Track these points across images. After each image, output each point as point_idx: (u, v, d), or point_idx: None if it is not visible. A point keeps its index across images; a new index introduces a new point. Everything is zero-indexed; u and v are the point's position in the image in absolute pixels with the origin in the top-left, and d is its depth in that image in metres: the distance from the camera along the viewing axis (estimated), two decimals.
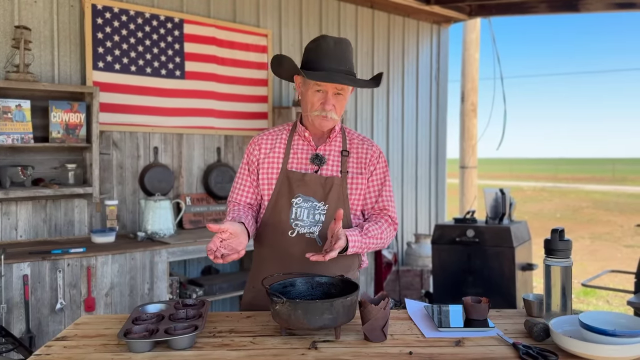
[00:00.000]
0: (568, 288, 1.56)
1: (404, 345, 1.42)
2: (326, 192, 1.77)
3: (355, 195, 1.82)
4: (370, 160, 1.84)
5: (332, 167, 1.81)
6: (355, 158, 1.84)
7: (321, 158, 1.81)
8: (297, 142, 1.84)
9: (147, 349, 1.37)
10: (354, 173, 1.82)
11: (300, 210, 1.77)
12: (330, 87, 1.71)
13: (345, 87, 1.73)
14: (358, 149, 1.85)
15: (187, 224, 3.79)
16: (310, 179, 1.78)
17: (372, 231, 1.75)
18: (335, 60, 1.70)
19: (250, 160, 1.86)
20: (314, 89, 1.72)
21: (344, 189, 1.79)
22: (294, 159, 1.82)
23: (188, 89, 3.88)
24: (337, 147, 1.84)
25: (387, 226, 1.80)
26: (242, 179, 1.87)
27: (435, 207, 5.90)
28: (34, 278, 2.75)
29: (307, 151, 1.82)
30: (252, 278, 1.87)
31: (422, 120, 5.69)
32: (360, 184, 1.82)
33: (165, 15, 3.76)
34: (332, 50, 1.71)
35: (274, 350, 1.38)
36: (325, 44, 1.72)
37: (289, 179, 1.79)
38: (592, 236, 10.39)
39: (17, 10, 3.22)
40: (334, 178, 1.79)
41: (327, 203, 1.77)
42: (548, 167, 47.47)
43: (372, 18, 5.15)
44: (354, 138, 1.88)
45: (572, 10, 5.17)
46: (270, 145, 1.84)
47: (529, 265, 4.09)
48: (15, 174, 3.06)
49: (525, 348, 1.36)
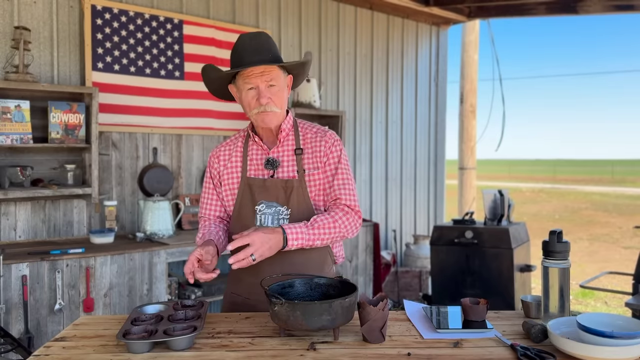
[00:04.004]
0: (566, 290, 1.56)
1: (402, 347, 1.42)
2: (287, 195, 1.74)
3: (315, 192, 1.77)
4: (324, 151, 1.78)
5: (287, 169, 1.77)
6: (310, 153, 1.78)
7: (274, 161, 1.77)
8: (252, 147, 1.82)
9: (146, 349, 1.37)
10: (311, 169, 1.77)
11: (265, 217, 1.75)
12: (259, 81, 1.68)
13: (277, 77, 1.70)
14: (313, 143, 1.79)
15: (186, 225, 3.79)
16: (271, 184, 1.75)
17: (320, 221, 1.68)
18: (253, 52, 1.68)
19: (212, 173, 1.85)
20: (246, 89, 1.71)
21: (303, 189, 1.75)
22: (252, 166, 1.80)
23: (187, 90, 3.89)
24: (290, 147, 1.80)
25: (342, 215, 1.73)
26: (208, 194, 1.87)
27: (434, 208, 5.91)
28: (32, 278, 2.75)
29: (261, 156, 1.80)
30: (229, 284, 1.88)
31: (421, 121, 5.69)
32: (318, 179, 1.77)
33: (165, 16, 3.77)
34: (248, 45, 1.69)
35: (273, 351, 1.38)
36: (241, 41, 1.71)
37: (250, 187, 1.77)
38: (591, 237, 10.39)
39: (16, 10, 3.23)
40: (293, 180, 1.75)
41: (289, 207, 1.74)
42: (547, 168, 47.51)
43: (371, 19, 5.16)
44: (307, 132, 1.82)
45: (570, 12, 5.18)
46: (228, 156, 1.83)
47: (527, 267, 4.10)
48: (15, 174, 3.06)
49: (523, 349, 1.37)
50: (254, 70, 1.68)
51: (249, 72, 1.68)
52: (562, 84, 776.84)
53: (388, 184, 5.36)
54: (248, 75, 1.69)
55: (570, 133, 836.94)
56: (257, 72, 1.68)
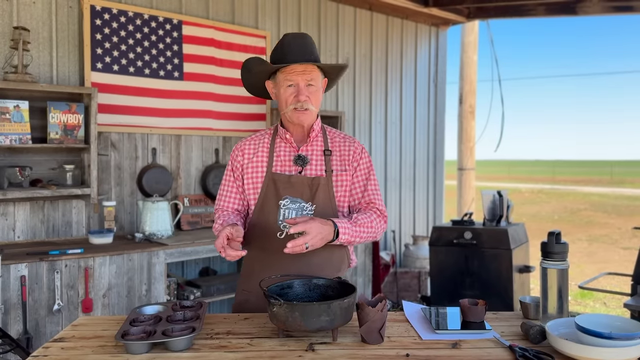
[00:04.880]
0: (564, 291, 1.57)
1: (401, 348, 1.42)
2: (313, 192, 1.78)
3: (341, 193, 1.82)
4: (354, 156, 1.85)
5: (316, 167, 1.82)
6: (338, 156, 1.84)
7: (304, 158, 1.81)
8: (279, 144, 1.85)
9: (145, 350, 1.37)
10: (338, 171, 1.82)
11: (288, 211, 1.77)
12: (300, 79, 1.73)
13: (316, 78, 1.76)
14: (340, 147, 1.86)
15: (185, 225, 3.79)
16: (297, 180, 1.79)
17: (362, 220, 1.75)
18: (297, 52, 1.73)
19: (235, 166, 1.87)
20: (285, 85, 1.75)
21: (330, 188, 1.80)
22: (278, 162, 1.83)
23: (186, 90, 3.89)
24: (319, 147, 1.84)
25: (376, 217, 1.80)
26: (228, 186, 1.88)
27: (433, 208, 5.91)
28: (31, 279, 2.75)
29: (289, 153, 1.83)
30: (243, 281, 1.88)
31: (420, 122, 5.70)
32: (345, 180, 1.83)
33: (164, 16, 3.76)
34: (292, 44, 1.74)
35: (271, 352, 1.38)
36: (286, 40, 1.76)
37: (275, 182, 1.79)
38: (590, 238, 10.40)
39: (15, 11, 3.22)
40: (320, 178, 1.79)
41: (314, 203, 1.77)
42: (546, 169, 47.54)
43: (371, 20, 5.16)
44: (335, 136, 1.89)
45: (570, 13, 5.18)
46: (254, 150, 1.86)
47: (526, 268, 4.10)
48: (13, 174, 3.06)
49: (521, 350, 1.37)
50: (296, 68, 1.73)
51: (291, 69, 1.73)
52: (561, 85, 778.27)
53: (387, 185, 5.36)
54: (290, 72, 1.73)
55: (570, 134, 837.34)
56: (298, 70, 1.73)
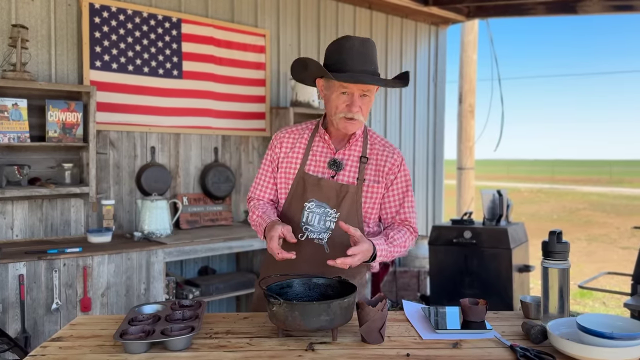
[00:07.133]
0: (566, 290, 1.56)
1: (401, 347, 1.42)
2: (340, 199, 1.74)
3: (370, 204, 1.78)
4: (391, 169, 1.79)
5: (349, 174, 1.77)
6: (374, 165, 1.79)
7: (339, 164, 1.77)
8: (317, 144, 1.80)
9: (143, 350, 1.36)
10: (371, 181, 1.77)
11: (312, 215, 1.75)
12: (356, 89, 1.66)
13: (372, 88, 1.69)
14: (378, 156, 1.80)
15: (183, 224, 3.78)
16: (326, 184, 1.75)
17: (397, 239, 1.72)
18: (360, 61, 1.65)
19: (273, 157, 1.84)
20: (339, 92, 1.67)
21: (358, 197, 1.75)
22: (312, 162, 1.79)
23: (185, 89, 3.88)
24: (356, 152, 1.79)
25: (409, 235, 1.78)
26: (266, 175, 1.86)
27: (433, 208, 5.91)
28: (29, 278, 2.74)
29: (326, 154, 1.79)
30: (262, 275, 1.87)
31: (420, 121, 5.69)
32: (376, 192, 1.78)
33: (163, 14, 3.75)
34: (356, 50, 1.66)
35: (271, 351, 1.38)
36: (350, 44, 1.66)
37: (304, 182, 1.77)
38: (589, 238, 10.41)
39: (14, 8, 3.21)
40: (349, 186, 1.75)
41: (339, 211, 1.74)
42: (545, 168, 47.54)
43: (370, 19, 5.15)
44: (375, 143, 1.82)
45: (569, 12, 5.18)
46: (292, 144, 1.82)
47: (526, 267, 4.09)
48: (12, 173, 3.05)
49: (522, 350, 1.36)
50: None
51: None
52: (561, 84, 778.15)
53: None
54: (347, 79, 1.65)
55: (569, 133, 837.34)
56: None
